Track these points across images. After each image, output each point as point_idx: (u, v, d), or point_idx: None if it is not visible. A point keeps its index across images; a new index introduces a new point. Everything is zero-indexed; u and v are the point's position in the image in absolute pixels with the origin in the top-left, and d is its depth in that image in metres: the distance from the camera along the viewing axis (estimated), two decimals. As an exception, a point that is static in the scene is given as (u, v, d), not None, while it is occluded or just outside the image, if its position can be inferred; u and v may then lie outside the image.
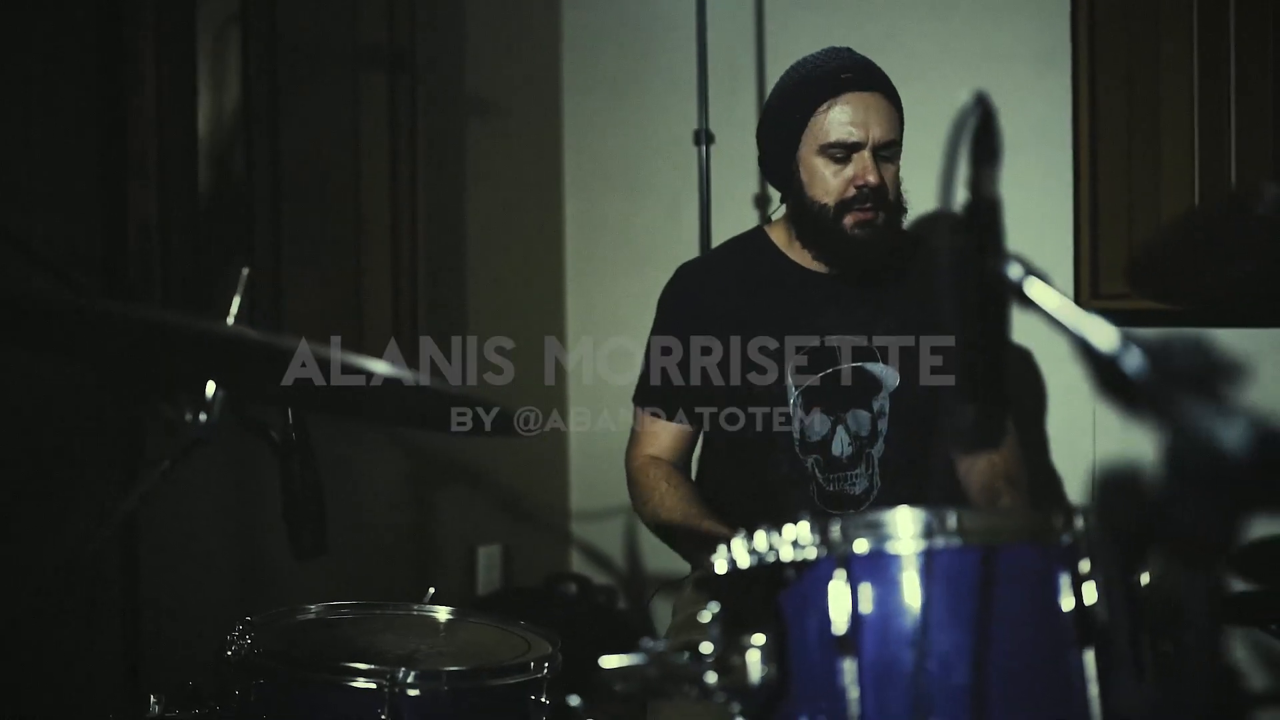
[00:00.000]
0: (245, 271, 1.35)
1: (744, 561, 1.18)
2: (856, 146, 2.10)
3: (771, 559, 1.16)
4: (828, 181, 2.12)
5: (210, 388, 1.29)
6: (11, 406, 2.29)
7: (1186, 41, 2.67)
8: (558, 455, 3.47)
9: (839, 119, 2.10)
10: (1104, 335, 0.77)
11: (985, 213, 1.01)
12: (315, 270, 2.96)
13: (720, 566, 1.20)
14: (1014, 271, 0.96)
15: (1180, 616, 0.64)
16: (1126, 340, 0.75)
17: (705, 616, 1.13)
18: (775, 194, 3.26)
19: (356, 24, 3.11)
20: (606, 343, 3.48)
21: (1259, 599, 1.96)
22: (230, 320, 1.31)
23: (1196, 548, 0.63)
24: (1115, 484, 0.68)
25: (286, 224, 2.89)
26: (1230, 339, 2.63)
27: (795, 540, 1.14)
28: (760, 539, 1.17)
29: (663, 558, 3.35)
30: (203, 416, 1.29)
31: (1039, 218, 2.83)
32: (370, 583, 2.88)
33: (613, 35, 3.54)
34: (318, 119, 3.00)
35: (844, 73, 2.12)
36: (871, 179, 2.09)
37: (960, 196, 1.04)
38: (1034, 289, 0.94)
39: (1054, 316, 0.89)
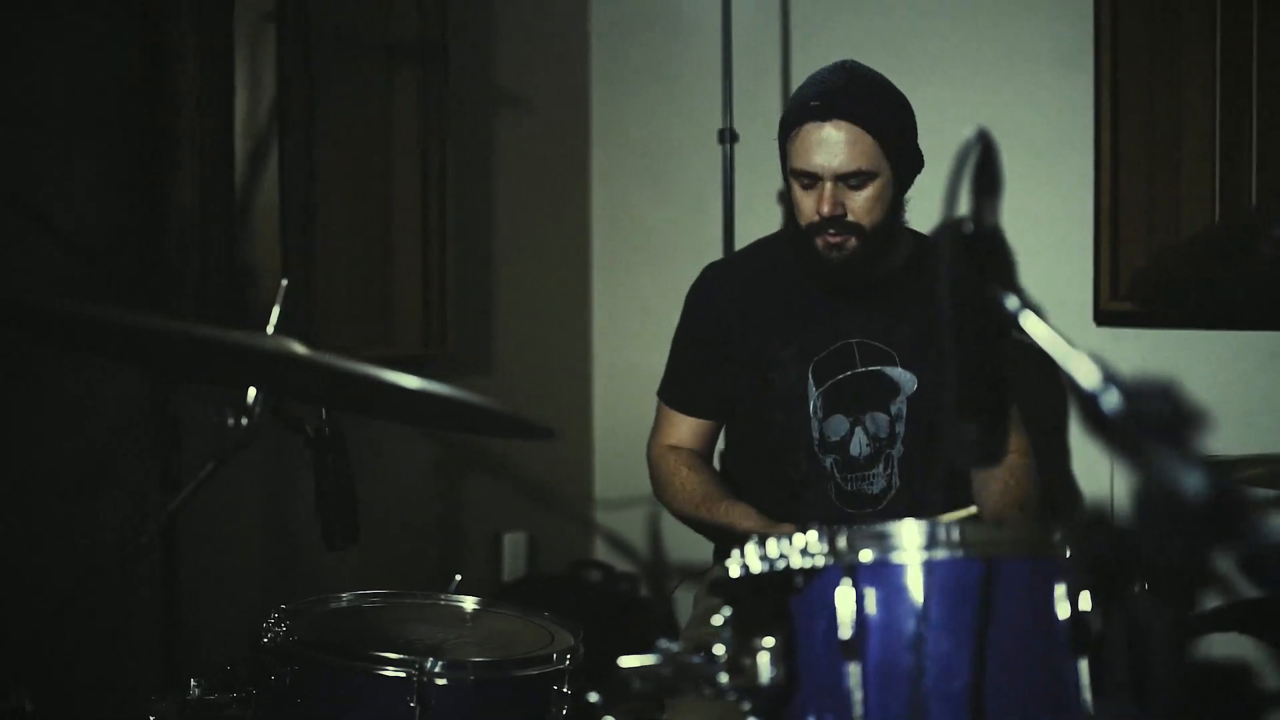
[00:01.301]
0: (285, 283, 1.42)
1: (756, 567, 1.24)
2: (816, 176, 2.11)
3: (781, 565, 1.22)
4: (800, 204, 2.15)
5: (251, 393, 1.36)
6: (55, 401, 2.38)
7: (1209, 44, 2.69)
8: (583, 443, 3.54)
9: (801, 147, 2.10)
10: (1087, 373, 0.83)
11: (987, 241, 1.07)
12: (347, 262, 3.03)
13: (734, 571, 1.27)
14: (1011, 303, 1.01)
15: (1148, 638, 0.69)
16: (1106, 381, 0.80)
17: (718, 619, 1.20)
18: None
19: (388, 19, 3.17)
20: (631, 334, 3.56)
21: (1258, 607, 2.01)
22: (270, 330, 1.38)
23: (1162, 577, 0.68)
24: (1092, 513, 0.74)
25: (320, 217, 2.96)
26: (1249, 341, 2.64)
27: (804, 548, 1.20)
28: (772, 546, 1.24)
29: (685, 547, 3.43)
30: (244, 421, 1.36)
31: (1060, 218, 2.87)
32: (397, 569, 2.96)
33: (640, 29, 3.58)
34: (351, 114, 3.07)
35: (813, 100, 2.10)
36: (825, 210, 2.09)
37: (964, 226, 1.10)
38: (1028, 322, 1.00)
39: (1045, 350, 0.94)
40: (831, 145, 2.08)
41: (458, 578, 2.04)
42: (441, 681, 1.65)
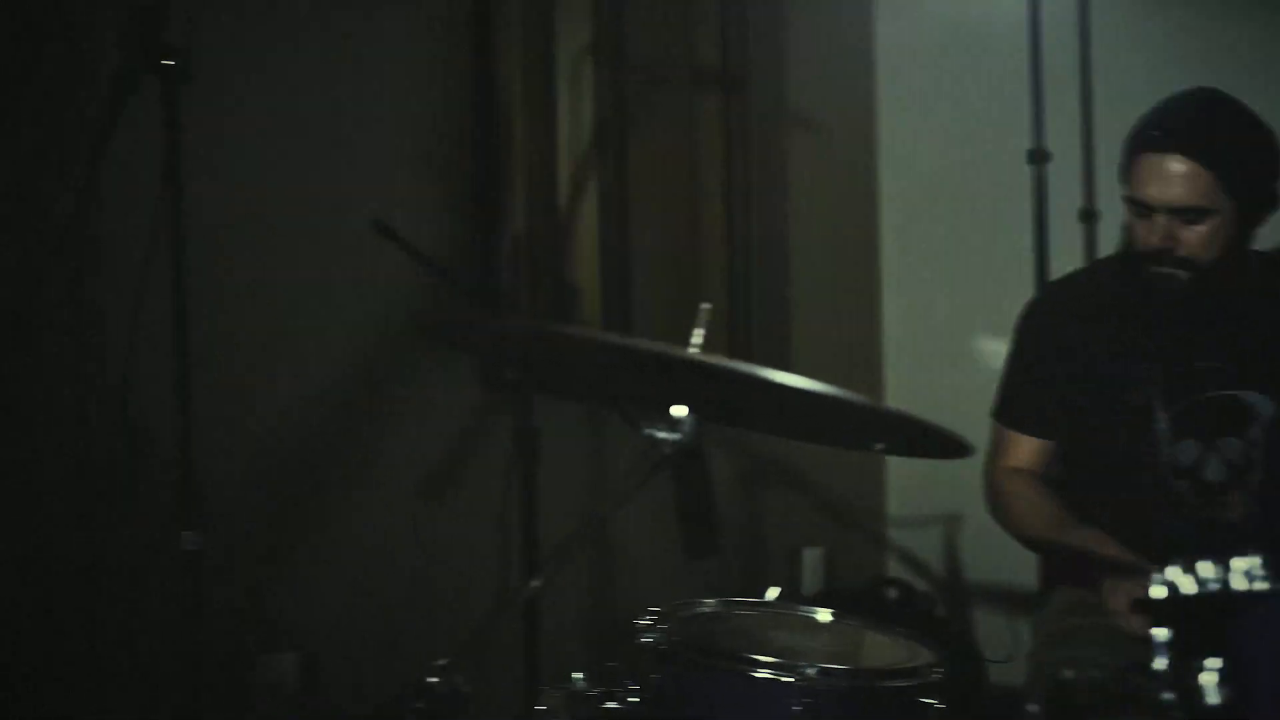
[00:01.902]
0: (706, 306, 1.52)
1: (1188, 589, 1.26)
2: (1149, 206, 2.07)
3: (1217, 589, 1.24)
4: (1135, 229, 2.13)
5: (681, 410, 1.46)
6: (414, 406, 2.59)
7: None
8: (875, 460, 3.56)
9: (1137, 175, 2.08)
10: None
11: None
12: (659, 279, 3.16)
13: (1159, 592, 1.29)
14: None
15: None
16: None
17: (1160, 636, 1.22)
18: (1103, 210, 3.25)
19: (693, 49, 3.30)
20: (923, 352, 3.58)
21: None
22: (695, 349, 1.48)
23: None
24: None
25: (633, 235, 3.11)
26: None
27: (1248, 571, 1.22)
28: (1206, 568, 1.25)
29: (983, 567, 3.42)
30: (675, 435, 1.46)
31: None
32: (703, 580, 3.04)
33: (926, 51, 3.60)
34: (659, 139, 3.21)
35: (1155, 129, 2.07)
36: (1154, 241, 2.07)
37: None
38: None
39: None
40: (1167, 178, 2.05)
41: (775, 590, 2.09)
42: (822, 687, 1.71)
